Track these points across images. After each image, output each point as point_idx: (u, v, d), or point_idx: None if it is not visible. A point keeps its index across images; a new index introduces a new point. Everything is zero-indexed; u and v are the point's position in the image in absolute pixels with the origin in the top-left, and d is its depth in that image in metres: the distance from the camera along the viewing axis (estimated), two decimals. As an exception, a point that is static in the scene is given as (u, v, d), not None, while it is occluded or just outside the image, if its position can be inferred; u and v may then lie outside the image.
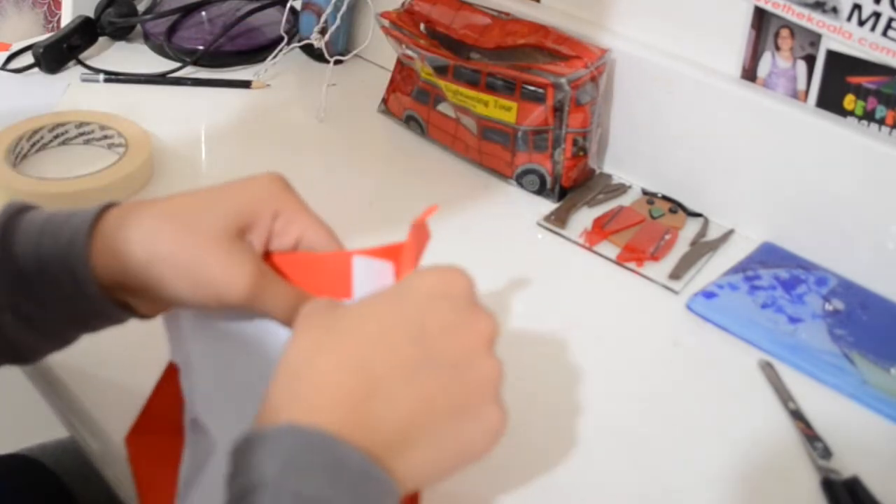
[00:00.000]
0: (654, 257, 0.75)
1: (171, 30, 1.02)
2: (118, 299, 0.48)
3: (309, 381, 0.38)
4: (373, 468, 0.36)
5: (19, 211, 0.49)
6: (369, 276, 0.48)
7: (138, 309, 0.50)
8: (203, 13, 1.05)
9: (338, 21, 0.97)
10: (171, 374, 0.52)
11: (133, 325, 0.63)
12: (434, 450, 0.39)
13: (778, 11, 0.72)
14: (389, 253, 0.49)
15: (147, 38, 1.03)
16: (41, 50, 0.95)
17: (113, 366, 0.61)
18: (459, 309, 0.41)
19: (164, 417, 0.52)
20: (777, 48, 0.73)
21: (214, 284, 0.45)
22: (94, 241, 0.46)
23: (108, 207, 0.48)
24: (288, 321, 0.47)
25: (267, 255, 0.49)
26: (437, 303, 0.41)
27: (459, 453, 0.40)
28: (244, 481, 0.35)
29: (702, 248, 0.76)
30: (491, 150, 0.83)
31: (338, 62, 0.98)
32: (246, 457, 0.36)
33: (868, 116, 0.70)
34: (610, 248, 0.76)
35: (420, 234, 0.49)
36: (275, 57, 0.99)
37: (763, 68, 0.75)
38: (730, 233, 0.79)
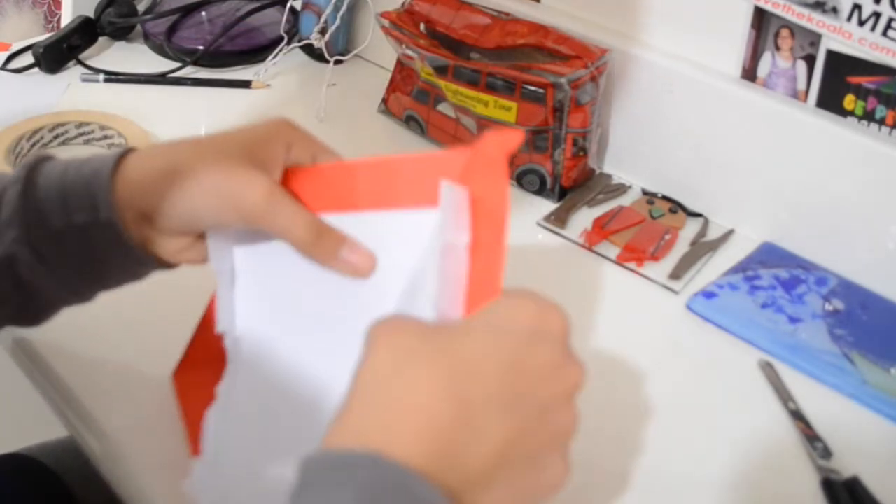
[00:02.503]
0: (654, 257, 0.75)
1: (171, 30, 1.02)
2: (136, 237, 0.49)
3: (395, 403, 0.36)
4: None
5: (48, 157, 0.51)
6: (452, 205, 0.44)
7: (156, 247, 0.50)
8: (203, 13, 1.05)
9: (338, 21, 0.97)
10: (214, 304, 0.52)
11: (136, 325, 0.64)
12: (504, 493, 0.37)
13: (778, 11, 0.72)
14: (462, 175, 0.45)
15: (147, 38, 1.03)
16: (41, 50, 0.95)
17: (113, 365, 0.61)
18: (557, 351, 0.39)
19: (209, 350, 0.53)
20: (777, 48, 0.73)
21: (233, 193, 0.46)
22: (118, 170, 0.48)
23: (134, 149, 0.50)
24: (301, 244, 0.47)
25: (287, 174, 0.50)
26: (537, 341, 0.39)
27: (523, 499, 0.38)
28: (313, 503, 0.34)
29: (702, 248, 0.76)
30: (491, 150, 0.83)
31: (338, 62, 0.98)
32: (319, 476, 0.34)
33: (868, 116, 0.70)
34: (610, 248, 0.76)
35: (502, 142, 0.44)
36: (275, 57, 0.99)
37: (763, 68, 0.75)
38: (730, 233, 0.79)
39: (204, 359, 0.54)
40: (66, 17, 1.04)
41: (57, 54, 0.97)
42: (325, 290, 0.48)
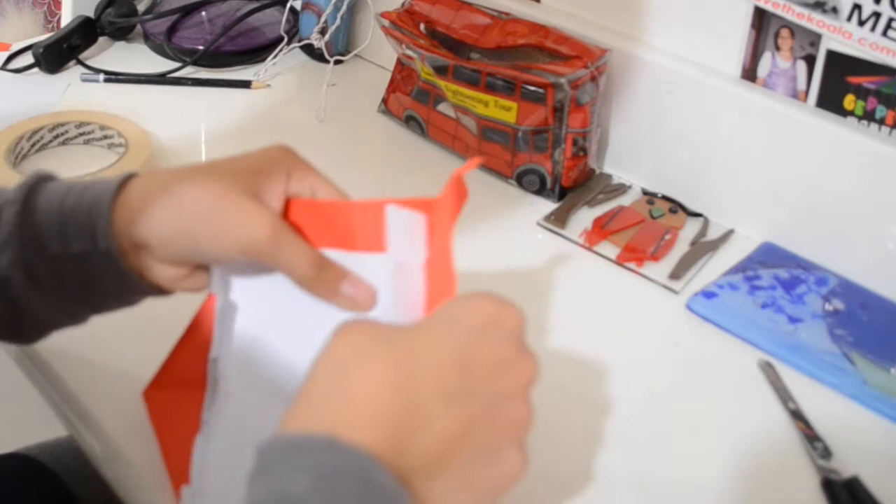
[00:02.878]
0: (654, 257, 0.75)
1: (171, 30, 1.02)
2: (133, 266, 0.49)
3: (350, 391, 0.37)
4: (403, 494, 0.35)
5: (47, 177, 0.51)
6: (402, 228, 0.47)
7: (153, 275, 0.50)
8: (203, 13, 1.05)
9: (338, 21, 0.97)
10: (197, 325, 0.52)
11: (136, 325, 0.64)
12: (457, 483, 0.38)
13: (778, 11, 0.72)
14: (423, 206, 0.48)
15: (147, 38, 1.03)
16: (41, 50, 0.95)
17: (113, 365, 0.61)
18: (508, 346, 0.40)
19: (186, 370, 0.52)
20: (777, 48, 0.73)
21: (236, 229, 0.46)
22: (118, 198, 0.48)
23: (134, 175, 0.50)
24: (304, 280, 0.47)
25: (289, 204, 0.50)
26: (489, 335, 0.40)
27: (478, 490, 0.39)
28: (272, 487, 0.35)
29: (702, 248, 0.76)
30: (491, 150, 0.83)
31: (338, 62, 0.98)
32: (277, 459, 0.35)
33: (868, 116, 0.70)
34: (610, 248, 0.76)
35: (458, 189, 0.48)
36: (275, 57, 0.99)
37: (763, 68, 0.75)
38: (730, 233, 0.79)
39: (178, 380, 0.53)
40: (66, 17, 1.04)
41: (57, 54, 0.97)
42: (322, 323, 0.48)
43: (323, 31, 0.97)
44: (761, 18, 0.73)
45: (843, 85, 0.71)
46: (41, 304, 0.49)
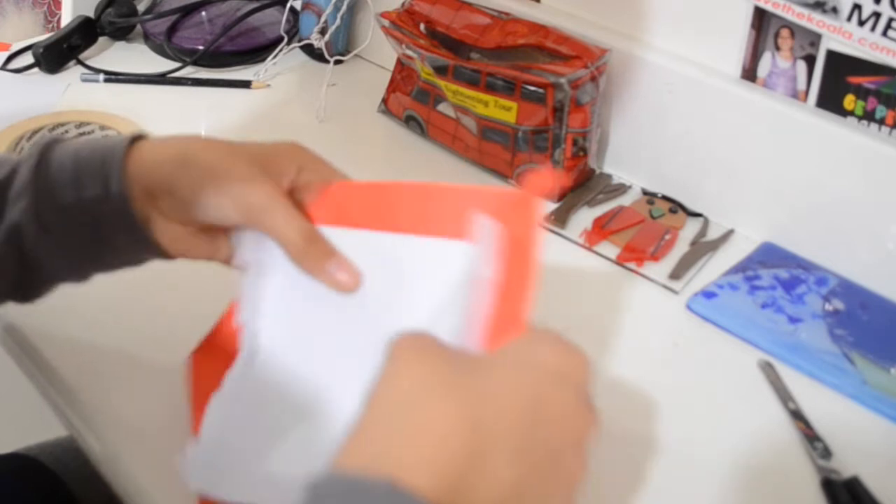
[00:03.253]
0: (654, 257, 0.75)
1: (171, 30, 1.02)
2: (141, 216, 0.50)
3: (414, 430, 0.35)
4: None
5: (62, 138, 0.53)
6: (485, 234, 0.45)
7: (158, 231, 0.51)
8: (203, 13, 1.05)
9: (338, 21, 0.97)
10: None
11: (135, 325, 0.64)
12: None
13: (778, 11, 0.72)
14: (499, 212, 0.45)
15: (147, 38, 1.03)
16: (41, 50, 0.95)
17: (114, 365, 0.61)
18: (576, 398, 0.39)
19: (228, 340, 0.53)
20: (777, 48, 0.73)
21: (235, 189, 0.48)
22: (132, 149, 0.50)
23: (147, 135, 0.52)
24: (292, 247, 0.49)
25: (350, 185, 0.52)
26: (560, 386, 0.38)
27: None
28: None
29: (702, 248, 0.76)
30: (491, 150, 0.83)
31: (338, 62, 0.98)
32: (332, 499, 0.33)
33: (868, 116, 0.70)
34: (610, 248, 0.76)
35: (533, 207, 0.44)
36: (275, 57, 0.99)
37: (763, 68, 0.75)
38: (730, 233, 0.79)
39: (222, 347, 0.54)
40: (66, 17, 1.04)
41: (57, 54, 0.97)
42: (350, 310, 0.49)
43: (323, 31, 0.97)
44: (761, 18, 0.73)
45: (843, 85, 0.71)
46: (50, 254, 0.51)
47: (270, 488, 0.47)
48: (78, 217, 0.50)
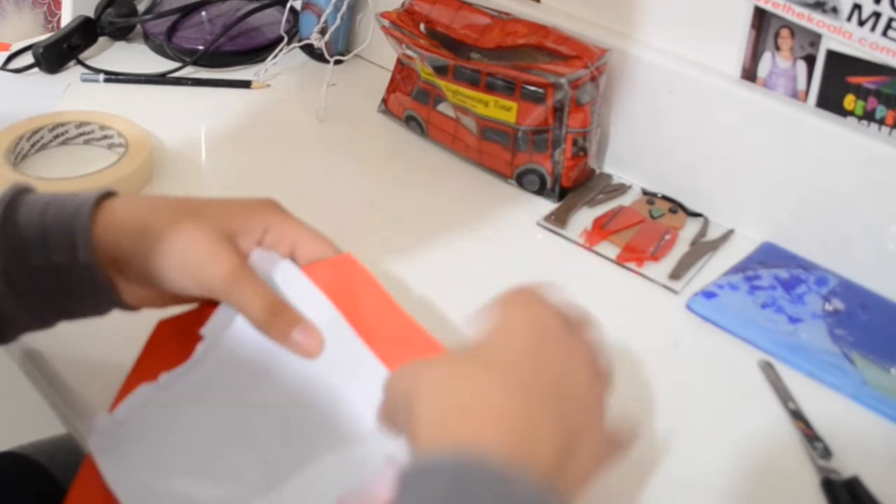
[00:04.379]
0: (654, 257, 0.75)
1: (171, 30, 1.02)
2: (108, 278, 0.50)
3: (466, 403, 0.38)
4: (547, 492, 0.36)
5: (25, 189, 0.53)
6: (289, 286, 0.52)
7: (124, 293, 0.52)
8: (203, 13, 1.05)
9: (338, 21, 0.97)
10: (149, 355, 0.54)
11: (131, 321, 0.63)
12: (578, 464, 0.40)
13: (778, 11, 0.72)
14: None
15: (147, 38, 1.03)
16: (41, 50, 0.95)
17: (112, 362, 0.61)
18: (558, 322, 0.45)
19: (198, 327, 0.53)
20: (777, 48, 0.73)
21: (197, 265, 0.49)
22: (98, 214, 0.50)
23: (112, 193, 0.52)
24: (256, 322, 0.50)
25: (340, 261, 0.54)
26: (540, 318, 0.44)
27: (595, 463, 0.42)
28: (416, 499, 0.35)
29: (702, 248, 0.76)
30: (491, 150, 0.83)
31: (338, 62, 0.98)
32: (414, 481, 0.36)
33: (868, 116, 0.70)
34: (610, 248, 0.76)
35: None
36: (275, 57, 0.99)
37: (763, 68, 0.75)
38: (730, 233, 0.79)
39: (190, 331, 0.55)
40: (66, 17, 1.04)
41: (57, 54, 0.97)
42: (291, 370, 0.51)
43: (323, 31, 0.97)
44: (761, 18, 0.73)
45: (843, 85, 0.71)
46: (17, 310, 0.51)
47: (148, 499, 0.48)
48: (47, 279, 0.50)
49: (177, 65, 0.98)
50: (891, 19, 0.66)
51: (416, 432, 0.39)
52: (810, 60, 0.72)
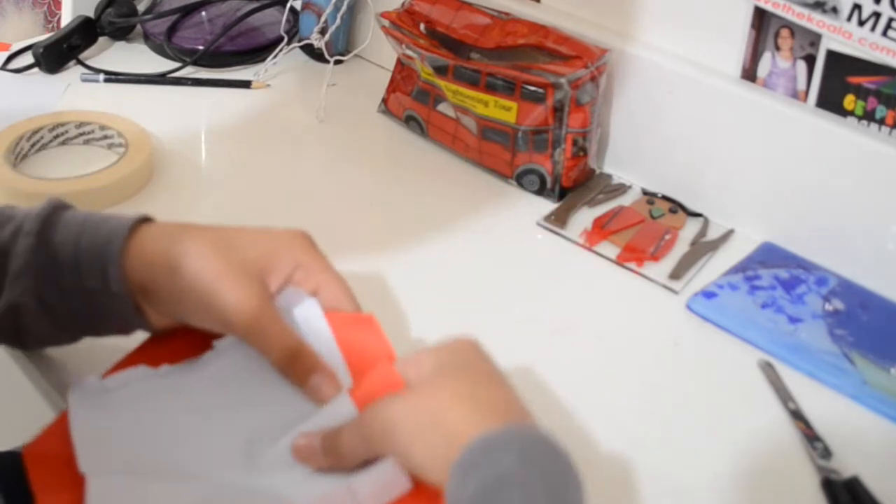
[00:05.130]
0: (654, 257, 0.75)
1: (171, 30, 1.02)
2: (136, 302, 0.52)
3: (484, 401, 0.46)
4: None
5: (62, 206, 0.54)
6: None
7: (150, 318, 0.53)
8: (203, 13, 1.05)
9: (338, 21, 0.97)
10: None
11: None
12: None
13: (778, 11, 0.72)
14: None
15: (147, 38, 1.03)
16: (41, 50, 0.95)
17: (114, 362, 0.61)
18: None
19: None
20: (777, 48, 0.73)
21: (222, 309, 0.50)
22: (130, 243, 0.51)
23: (147, 219, 0.53)
24: (275, 365, 0.51)
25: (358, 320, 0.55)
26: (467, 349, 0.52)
27: None
28: (484, 475, 0.41)
29: (702, 248, 0.76)
30: (491, 150, 0.83)
31: (338, 62, 0.98)
32: (478, 457, 0.42)
33: (868, 116, 0.70)
34: (610, 248, 0.76)
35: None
36: (275, 57, 0.99)
37: (763, 68, 0.75)
38: (730, 233, 0.79)
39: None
40: (66, 17, 1.04)
41: (57, 54, 0.97)
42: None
43: (323, 31, 0.97)
44: (761, 18, 0.73)
45: (843, 85, 0.71)
46: (48, 328, 0.53)
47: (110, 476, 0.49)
48: (79, 302, 0.52)
49: (177, 65, 0.98)
50: (891, 19, 0.66)
51: (412, 444, 0.44)
52: (810, 60, 0.72)
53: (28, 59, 0.97)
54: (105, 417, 0.51)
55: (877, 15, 0.67)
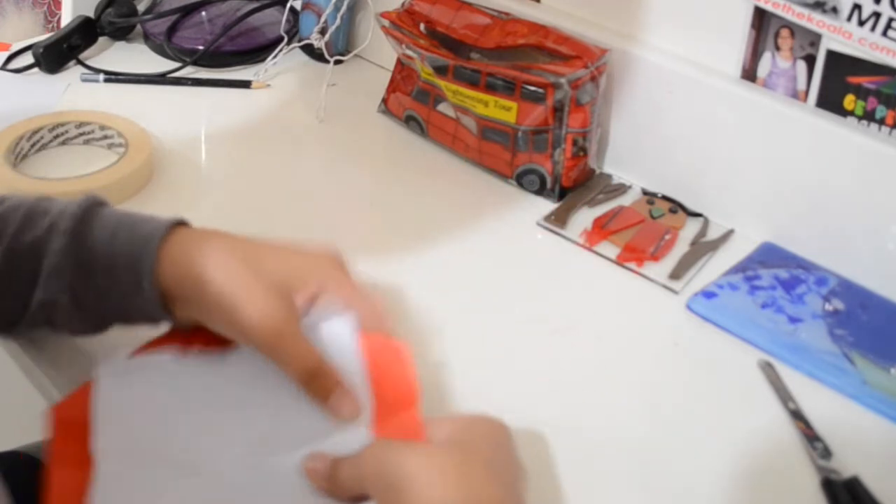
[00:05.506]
0: (654, 257, 0.75)
1: (171, 30, 1.02)
2: (166, 303, 0.53)
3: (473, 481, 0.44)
4: None
5: (97, 203, 0.55)
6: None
7: (178, 316, 0.54)
8: (203, 13, 1.05)
9: (338, 21, 0.97)
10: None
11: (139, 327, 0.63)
12: None
13: (778, 11, 0.72)
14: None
15: (147, 38, 1.03)
16: (41, 50, 0.95)
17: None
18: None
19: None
20: (777, 48, 0.73)
21: (245, 323, 0.50)
22: (163, 249, 0.52)
23: (182, 223, 0.55)
24: (298, 378, 0.51)
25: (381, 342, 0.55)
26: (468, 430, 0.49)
27: None
28: None
29: (702, 248, 0.76)
30: (491, 150, 0.83)
31: (338, 62, 0.98)
32: None
33: (868, 116, 0.70)
34: (610, 248, 0.76)
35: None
36: (275, 57, 0.99)
37: (763, 68, 0.75)
38: (730, 233, 0.79)
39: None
40: (66, 17, 1.04)
41: (57, 54, 0.97)
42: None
43: (323, 31, 0.97)
44: (761, 18, 0.73)
45: (843, 85, 0.71)
46: (80, 323, 0.54)
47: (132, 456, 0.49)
48: (112, 299, 0.53)
49: (177, 65, 0.98)
50: (891, 19, 0.66)
51: (387, 497, 0.43)
52: (810, 60, 0.72)
53: (28, 59, 0.97)
54: (126, 398, 0.52)
55: (877, 15, 0.67)
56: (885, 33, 0.67)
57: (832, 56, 0.70)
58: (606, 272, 0.74)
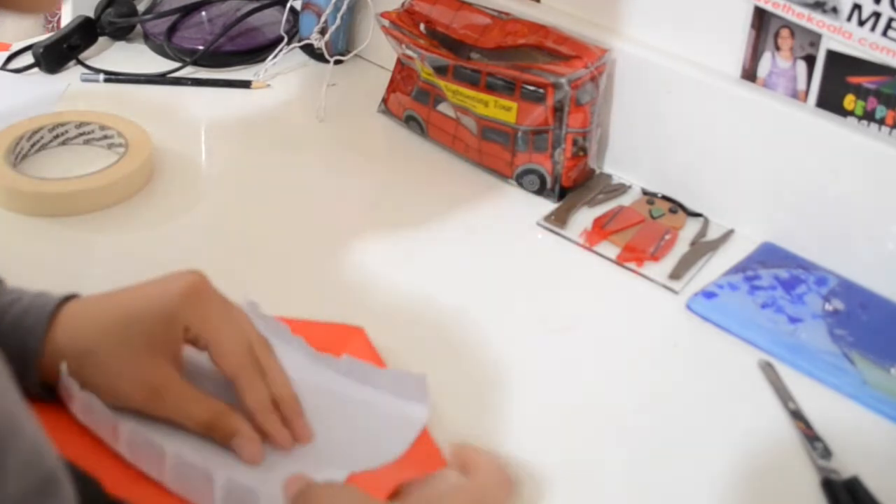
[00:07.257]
0: (654, 257, 0.75)
1: (171, 30, 1.02)
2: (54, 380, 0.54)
3: None
4: None
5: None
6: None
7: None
8: (203, 13, 1.05)
9: (338, 21, 0.97)
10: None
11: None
12: None
13: (778, 11, 0.72)
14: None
15: (147, 38, 1.03)
16: (41, 50, 0.95)
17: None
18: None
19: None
20: (777, 48, 0.73)
21: (118, 394, 0.53)
22: (47, 334, 0.53)
23: (67, 300, 0.55)
24: (197, 433, 0.53)
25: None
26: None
27: None
28: None
29: (702, 248, 0.76)
30: (491, 150, 0.83)
31: (338, 62, 0.98)
32: None
33: (868, 116, 0.70)
34: (610, 248, 0.76)
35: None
36: (275, 57, 0.99)
37: (763, 68, 0.75)
38: (730, 233, 0.79)
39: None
40: (66, 17, 1.04)
41: (57, 54, 0.97)
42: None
43: (323, 31, 0.97)
44: (761, 18, 0.73)
45: (843, 85, 0.71)
46: None
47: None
48: None
49: (177, 65, 0.98)
50: (891, 19, 0.66)
51: None
52: (810, 60, 0.72)
53: (28, 59, 0.97)
54: None
55: (877, 15, 0.67)
56: (885, 33, 0.67)
57: (832, 56, 0.70)
58: (606, 272, 0.74)
